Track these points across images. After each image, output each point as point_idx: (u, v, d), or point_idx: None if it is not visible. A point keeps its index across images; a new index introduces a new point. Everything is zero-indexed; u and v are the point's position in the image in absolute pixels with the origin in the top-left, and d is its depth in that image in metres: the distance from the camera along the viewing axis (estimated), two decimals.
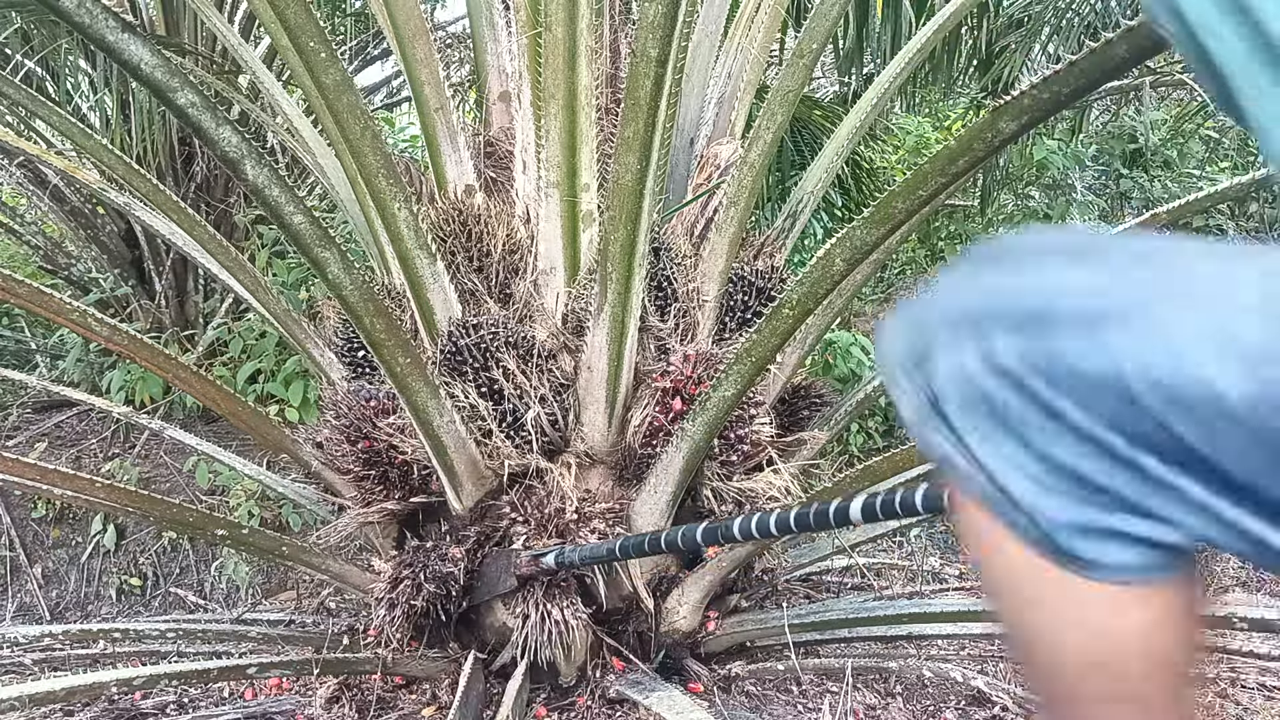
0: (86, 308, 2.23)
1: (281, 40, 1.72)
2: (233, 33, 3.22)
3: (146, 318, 4.74)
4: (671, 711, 1.94)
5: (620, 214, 1.87)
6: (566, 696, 2.32)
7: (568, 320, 2.29)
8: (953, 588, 3.63)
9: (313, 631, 2.79)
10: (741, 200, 2.38)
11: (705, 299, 2.46)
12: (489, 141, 2.66)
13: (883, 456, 2.05)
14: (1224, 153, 6.18)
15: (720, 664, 2.50)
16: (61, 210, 4.71)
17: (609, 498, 2.28)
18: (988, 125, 1.42)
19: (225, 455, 3.06)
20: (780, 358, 2.47)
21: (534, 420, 2.18)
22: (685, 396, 2.18)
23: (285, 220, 1.67)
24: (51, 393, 3.56)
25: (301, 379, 4.01)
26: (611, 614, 2.32)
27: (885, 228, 1.60)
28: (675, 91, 1.88)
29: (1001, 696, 2.34)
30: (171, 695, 2.57)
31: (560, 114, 2.04)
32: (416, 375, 1.98)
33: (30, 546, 4.16)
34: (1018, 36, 4.67)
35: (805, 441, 2.65)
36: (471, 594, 2.28)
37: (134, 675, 2.03)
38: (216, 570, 4.09)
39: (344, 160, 1.94)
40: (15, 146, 3.05)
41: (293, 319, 2.64)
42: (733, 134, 2.75)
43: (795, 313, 1.79)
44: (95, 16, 1.32)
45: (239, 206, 4.82)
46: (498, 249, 2.38)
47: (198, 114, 1.48)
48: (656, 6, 1.59)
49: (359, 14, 5.38)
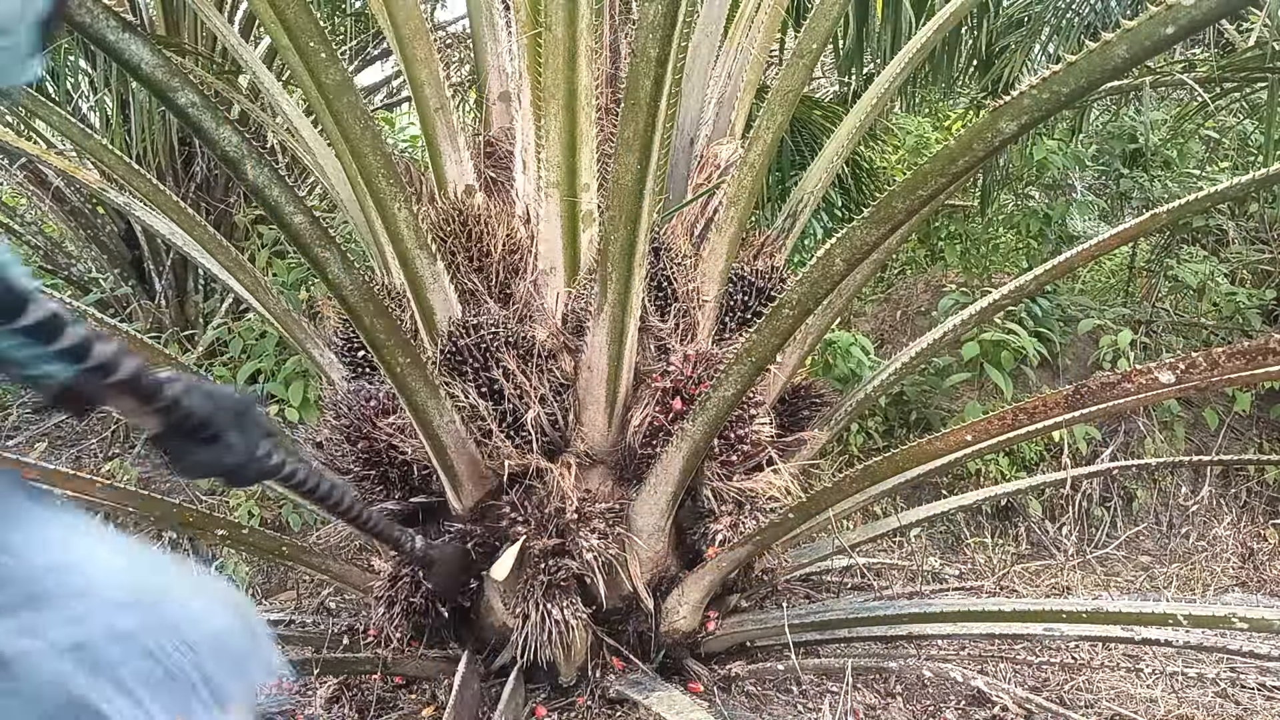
0: (86, 308, 2.23)
1: (281, 40, 1.72)
2: (233, 33, 3.22)
3: (146, 318, 4.74)
4: (671, 711, 1.94)
5: (620, 214, 1.88)
6: (566, 696, 2.32)
7: (568, 320, 2.29)
8: (953, 588, 3.63)
9: (313, 631, 2.78)
10: (741, 200, 2.38)
11: (705, 299, 2.46)
12: (489, 141, 2.66)
13: (883, 456, 2.05)
14: (1224, 153, 6.17)
15: (720, 664, 2.50)
16: (61, 210, 4.71)
17: (609, 498, 2.28)
18: (988, 125, 1.42)
19: None
20: (780, 358, 2.47)
21: (534, 420, 2.18)
22: (685, 396, 2.18)
23: (285, 220, 1.67)
24: None
25: (301, 379, 4.01)
26: (611, 614, 2.32)
27: (885, 228, 1.60)
28: (675, 91, 1.88)
29: (1001, 696, 2.34)
30: None
31: (560, 114, 2.04)
32: (416, 375, 1.98)
33: None
34: (1018, 36, 4.67)
35: (805, 441, 2.65)
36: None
37: None
38: (216, 570, 4.09)
39: (344, 160, 1.94)
40: (15, 146, 3.05)
41: (293, 319, 2.64)
42: (733, 134, 2.75)
43: (795, 313, 1.79)
44: (95, 16, 1.32)
45: (239, 206, 4.83)
46: (498, 249, 2.38)
47: (198, 114, 1.48)
48: (656, 6, 1.59)
49: (359, 14, 5.38)
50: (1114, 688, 2.63)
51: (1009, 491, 3.80)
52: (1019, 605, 2.30)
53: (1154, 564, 4.31)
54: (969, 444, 1.96)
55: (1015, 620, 2.29)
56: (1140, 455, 4.67)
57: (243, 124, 3.43)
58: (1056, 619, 2.21)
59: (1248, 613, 1.94)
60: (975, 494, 3.25)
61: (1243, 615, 1.94)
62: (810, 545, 3.14)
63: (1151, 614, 2.08)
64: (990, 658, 2.86)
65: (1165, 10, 1.19)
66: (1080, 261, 2.61)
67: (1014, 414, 1.90)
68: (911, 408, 4.84)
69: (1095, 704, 2.49)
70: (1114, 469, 3.70)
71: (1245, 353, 1.59)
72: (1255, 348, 1.58)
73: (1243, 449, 4.88)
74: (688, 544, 2.39)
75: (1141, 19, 1.21)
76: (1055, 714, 2.28)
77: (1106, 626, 2.23)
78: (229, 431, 1.15)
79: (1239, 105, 5.03)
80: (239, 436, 1.17)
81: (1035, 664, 2.79)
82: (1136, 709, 2.47)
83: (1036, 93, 1.33)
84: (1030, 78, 1.40)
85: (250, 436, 1.19)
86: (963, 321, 2.74)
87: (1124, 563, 4.31)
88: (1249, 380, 1.96)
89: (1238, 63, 4.23)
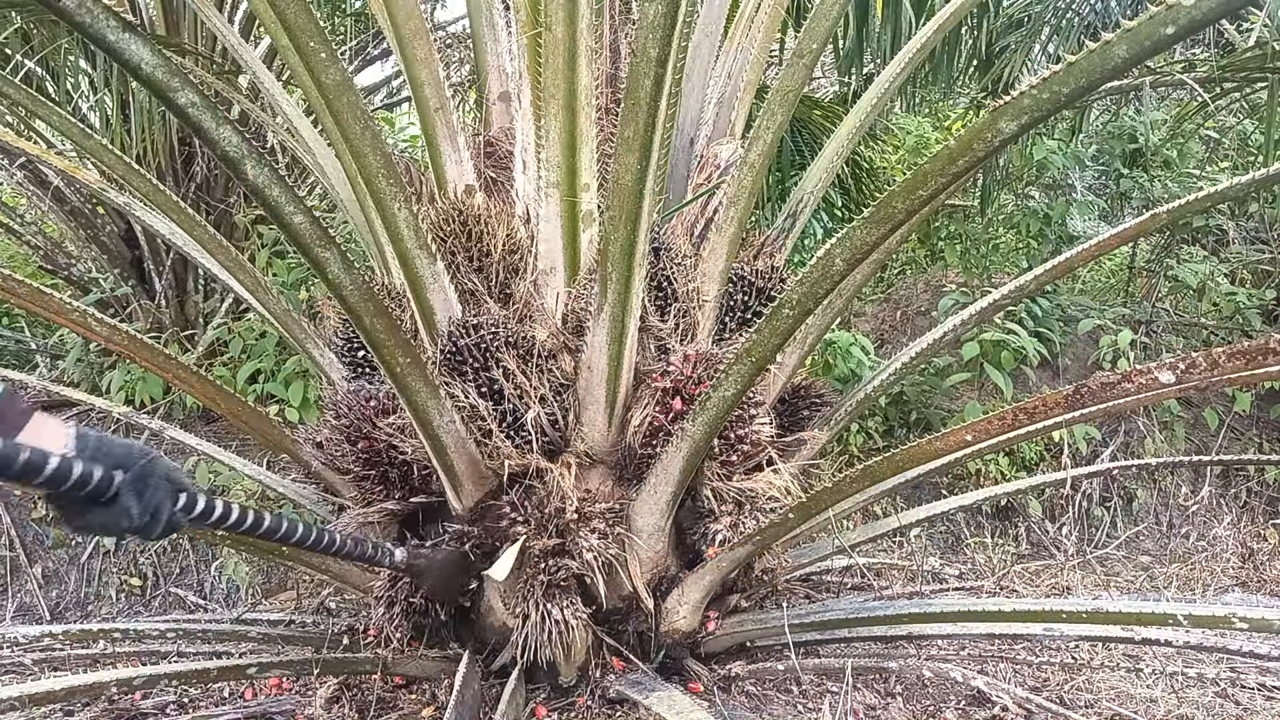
0: (86, 308, 2.23)
1: (281, 40, 1.72)
2: (233, 33, 3.22)
3: (146, 318, 4.74)
4: (671, 711, 1.94)
5: (620, 214, 1.88)
6: (566, 696, 2.32)
7: (568, 320, 2.29)
8: (953, 588, 3.63)
9: (313, 631, 2.79)
10: (741, 200, 2.38)
11: (705, 299, 2.46)
12: (489, 141, 2.66)
13: (883, 456, 2.05)
14: (1224, 153, 6.17)
15: (720, 664, 2.50)
16: (61, 210, 4.71)
17: (609, 497, 2.27)
18: (988, 125, 1.42)
19: (225, 455, 3.05)
20: (780, 358, 2.47)
21: (534, 420, 2.18)
22: (685, 396, 2.18)
23: (285, 220, 1.67)
24: (51, 393, 3.55)
25: (301, 379, 4.01)
26: (611, 614, 2.32)
27: (885, 228, 1.60)
28: (675, 91, 1.88)
29: (1001, 696, 2.34)
30: (171, 695, 2.57)
31: (560, 114, 2.04)
32: (416, 375, 1.98)
33: (30, 546, 4.16)
34: (1018, 36, 4.67)
35: (805, 441, 2.65)
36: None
37: (134, 675, 2.03)
38: (216, 570, 4.09)
39: (344, 160, 1.94)
40: (15, 146, 3.05)
41: (293, 319, 2.64)
42: (733, 134, 2.75)
43: (795, 313, 1.79)
44: (96, 16, 1.32)
45: (239, 206, 4.83)
46: (498, 249, 2.38)
47: (198, 114, 1.48)
48: (656, 6, 1.59)
49: (359, 14, 5.39)
50: (1114, 688, 2.63)
51: (1009, 491, 3.80)
52: (1019, 605, 2.30)
53: (1154, 564, 4.31)
54: (969, 444, 1.96)
55: (1015, 620, 2.29)
56: (1140, 455, 4.68)
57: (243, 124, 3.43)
58: (1056, 619, 2.21)
59: (1248, 613, 1.94)
60: (975, 494, 3.25)
61: (1243, 615, 1.94)
62: (810, 545, 3.14)
63: (1151, 614, 2.08)
64: (990, 658, 2.86)
65: (1165, 10, 1.19)
66: (1080, 261, 2.61)
67: (1014, 414, 1.90)
68: (911, 408, 4.84)
69: (1095, 704, 2.49)
70: (1114, 469, 3.70)
71: (1245, 353, 1.59)
72: (1255, 348, 1.58)
73: (1243, 449, 4.89)
74: (688, 544, 2.39)
75: (1141, 19, 1.21)
76: (1055, 714, 2.28)
77: (1106, 626, 2.23)
78: (125, 494, 1.12)
79: (1239, 105, 5.03)
80: (135, 498, 1.13)
81: (1035, 664, 2.79)
82: (1136, 709, 2.47)
83: (1036, 93, 1.33)
84: (1030, 78, 1.40)
85: (151, 495, 1.16)
86: (963, 321, 2.74)
87: (1124, 563, 4.31)
88: (1249, 380, 1.96)
89: (1238, 63, 4.23)
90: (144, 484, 1.15)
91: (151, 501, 1.16)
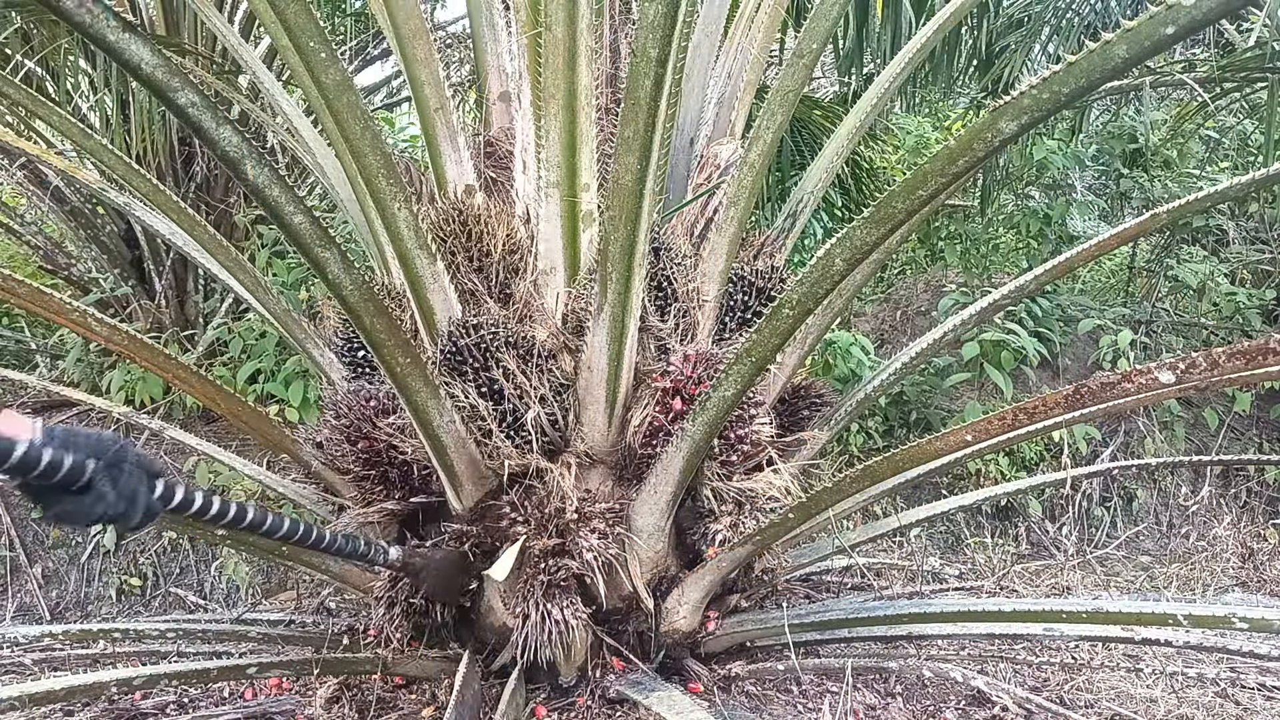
0: (86, 308, 2.23)
1: (281, 40, 1.72)
2: (233, 33, 3.22)
3: (146, 318, 4.74)
4: (671, 711, 1.94)
5: (620, 214, 1.88)
6: (566, 696, 2.32)
7: (568, 320, 2.29)
8: (953, 588, 3.63)
9: (313, 631, 2.79)
10: (741, 200, 2.38)
11: (705, 299, 2.46)
12: (489, 141, 2.66)
13: (883, 456, 2.05)
14: (1224, 153, 6.17)
15: (720, 664, 2.50)
16: (61, 210, 4.71)
17: (609, 497, 2.27)
18: (988, 125, 1.42)
19: (225, 455, 3.05)
20: (780, 358, 2.47)
21: (534, 420, 2.18)
22: (685, 396, 2.18)
23: (285, 220, 1.67)
24: (51, 393, 3.56)
25: (301, 379, 4.01)
26: (611, 614, 2.32)
27: (885, 228, 1.60)
28: (675, 91, 1.88)
29: (1001, 696, 2.34)
30: (171, 695, 2.57)
31: (560, 114, 2.04)
32: (416, 375, 1.98)
33: (30, 546, 4.16)
34: (1018, 36, 4.67)
35: (805, 441, 2.65)
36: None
37: (134, 675, 2.03)
38: (216, 570, 4.09)
39: (344, 160, 1.94)
40: (15, 146, 3.04)
41: (293, 319, 2.64)
42: (733, 134, 2.75)
43: (795, 313, 1.79)
44: (96, 16, 1.32)
45: (239, 206, 4.83)
46: (498, 249, 2.38)
47: (198, 114, 1.48)
48: (656, 6, 1.59)
49: (359, 14, 5.39)
50: (1114, 688, 2.63)
51: (1009, 491, 3.81)
52: (1019, 605, 2.30)
53: (1154, 564, 4.31)
54: (969, 444, 1.96)
55: (1015, 620, 2.29)
56: (1140, 455, 4.68)
57: (243, 124, 3.43)
58: (1056, 619, 2.21)
59: (1248, 613, 1.94)
60: (975, 494, 3.25)
61: (1243, 615, 1.94)
62: (810, 545, 3.14)
63: (1151, 614, 2.08)
64: (990, 658, 2.86)
65: (1165, 10, 1.19)
66: (1080, 261, 2.61)
67: (1014, 414, 1.90)
68: (911, 408, 4.84)
69: (1095, 704, 2.49)
70: (1114, 469, 3.70)
71: (1245, 353, 1.59)
72: (1255, 348, 1.58)
73: (1243, 449, 4.89)
74: (688, 544, 2.39)
75: (1141, 19, 1.21)
76: (1055, 714, 2.28)
77: (1106, 626, 2.23)
78: (100, 480, 1.11)
79: (1239, 105, 5.03)
80: (110, 484, 1.13)
81: (1035, 664, 2.79)
82: (1136, 709, 2.47)
83: (1036, 93, 1.33)
84: (1030, 78, 1.40)
85: (127, 481, 1.16)
86: (963, 321, 2.74)
87: (1124, 563, 4.31)
88: (1249, 380, 1.96)
89: (1238, 63, 4.23)
90: (118, 470, 1.15)
91: (127, 487, 1.16)
